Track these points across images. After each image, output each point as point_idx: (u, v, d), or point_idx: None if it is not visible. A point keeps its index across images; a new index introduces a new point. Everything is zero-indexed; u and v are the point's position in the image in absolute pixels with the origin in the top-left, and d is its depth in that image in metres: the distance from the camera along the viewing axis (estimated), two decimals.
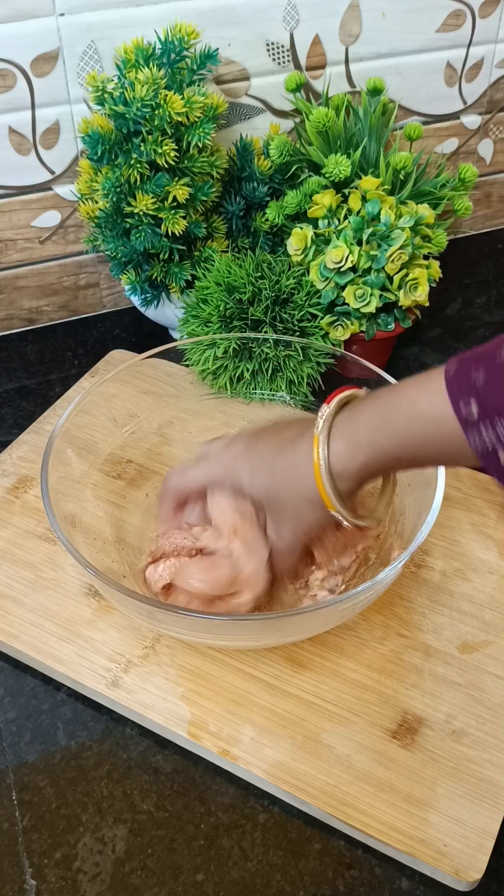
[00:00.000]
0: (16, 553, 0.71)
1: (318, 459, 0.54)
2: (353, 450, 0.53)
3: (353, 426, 0.53)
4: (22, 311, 0.97)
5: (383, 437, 0.52)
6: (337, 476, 0.54)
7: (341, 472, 0.54)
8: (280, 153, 0.86)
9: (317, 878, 0.54)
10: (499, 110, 1.05)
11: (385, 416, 0.52)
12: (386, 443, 0.52)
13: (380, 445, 0.52)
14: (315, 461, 0.54)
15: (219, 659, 0.64)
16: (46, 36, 0.81)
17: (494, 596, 0.68)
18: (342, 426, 0.54)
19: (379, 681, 0.62)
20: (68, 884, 0.54)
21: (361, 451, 0.53)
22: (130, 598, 0.55)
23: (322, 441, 0.54)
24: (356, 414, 0.54)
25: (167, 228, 0.79)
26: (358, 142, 0.86)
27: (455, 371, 0.48)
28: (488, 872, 0.53)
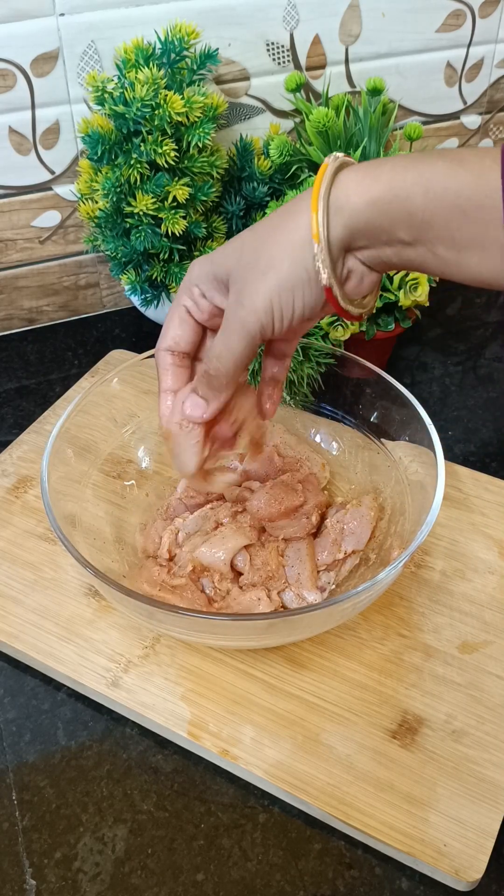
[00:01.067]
0: (16, 553, 0.71)
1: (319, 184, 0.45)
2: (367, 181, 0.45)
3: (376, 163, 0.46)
4: (22, 311, 0.97)
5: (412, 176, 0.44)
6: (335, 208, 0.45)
7: (343, 205, 0.45)
8: (280, 153, 0.86)
9: (317, 878, 0.54)
10: (499, 110, 1.05)
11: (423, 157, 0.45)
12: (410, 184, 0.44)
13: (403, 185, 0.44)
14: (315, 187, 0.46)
15: (219, 659, 0.64)
16: (46, 36, 0.81)
17: (494, 596, 0.68)
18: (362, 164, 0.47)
19: (379, 681, 0.62)
20: (68, 884, 0.54)
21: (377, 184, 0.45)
22: (130, 598, 0.55)
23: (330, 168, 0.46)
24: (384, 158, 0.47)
25: (167, 228, 0.79)
26: (358, 142, 0.86)
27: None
28: (488, 872, 0.53)
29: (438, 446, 0.63)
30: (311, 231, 0.46)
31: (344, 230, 0.46)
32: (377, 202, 0.45)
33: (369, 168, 0.46)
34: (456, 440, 0.84)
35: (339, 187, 0.46)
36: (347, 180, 0.46)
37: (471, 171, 0.44)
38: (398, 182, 0.45)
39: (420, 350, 0.95)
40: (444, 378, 0.91)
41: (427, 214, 0.45)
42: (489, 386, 0.91)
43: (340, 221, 0.46)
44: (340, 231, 0.46)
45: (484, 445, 0.84)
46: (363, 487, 0.72)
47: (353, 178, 0.46)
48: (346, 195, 0.46)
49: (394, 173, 0.45)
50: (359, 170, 0.46)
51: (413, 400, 0.67)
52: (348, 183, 0.46)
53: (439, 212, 0.44)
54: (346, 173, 0.46)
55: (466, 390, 0.90)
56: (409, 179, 0.45)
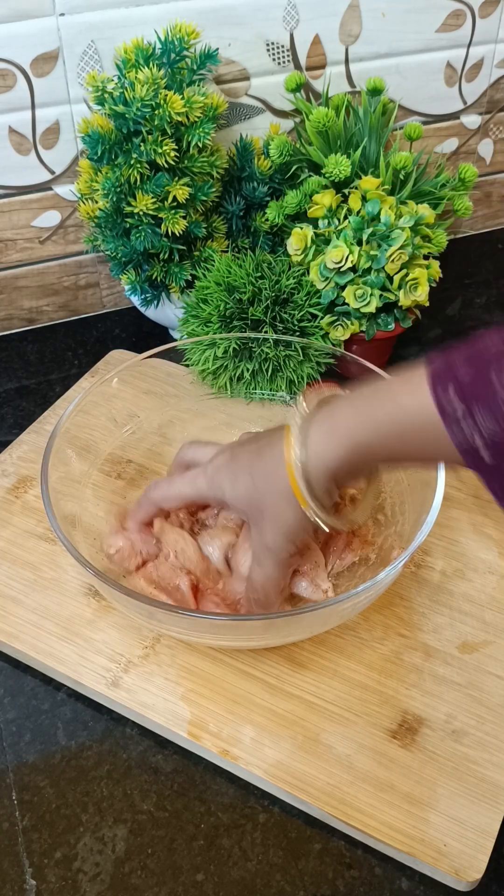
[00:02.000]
0: (16, 553, 0.71)
1: (291, 455, 0.53)
2: (329, 444, 0.52)
3: (331, 420, 0.52)
4: (22, 311, 0.97)
5: (362, 430, 0.50)
6: (311, 470, 0.52)
7: (316, 466, 0.52)
8: (280, 153, 0.86)
9: (317, 878, 0.54)
10: (499, 110, 1.05)
11: (365, 409, 0.51)
12: (364, 436, 0.50)
13: (358, 438, 0.51)
14: (287, 457, 0.53)
15: (219, 659, 0.64)
16: (46, 36, 0.81)
17: (494, 596, 0.68)
18: (320, 422, 0.53)
19: (379, 681, 0.62)
20: (68, 884, 0.54)
21: (339, 445, 0.51)
22: (130, 598, 0.55)
23: (296, 436, 0.53)
24: (336, 409, 0.53)
25: (167, 228, 0.79)
26: (358, 142, 0.86)
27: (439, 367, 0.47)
28: (488, 872, 0.53)
29: None
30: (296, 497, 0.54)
31: (326, 482, 0.53)
32: (343, 457, 0.52)
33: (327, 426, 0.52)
34: None
35: (310, 450, 0.52)
36: (316, 444, 0.52)
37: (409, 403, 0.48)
38: (356, 436, 0.51)
39: (420, 350, 0.95)
40: None
41: (388, 452, 0.51)
42: None
43: (320, 477, 0.53)
44: (324, 485, 0.53)
45: None
46: None
47: (318, 439, 0.52)
48: (318, 457, 0.52)
49: (347, 428, 0.51)
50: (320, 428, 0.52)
51: None
52: (317, 446, 0.52)
53: (397, 447, 0.50)
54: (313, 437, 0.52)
55: None
56: (362, 431, 0.51)
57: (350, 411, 0.52)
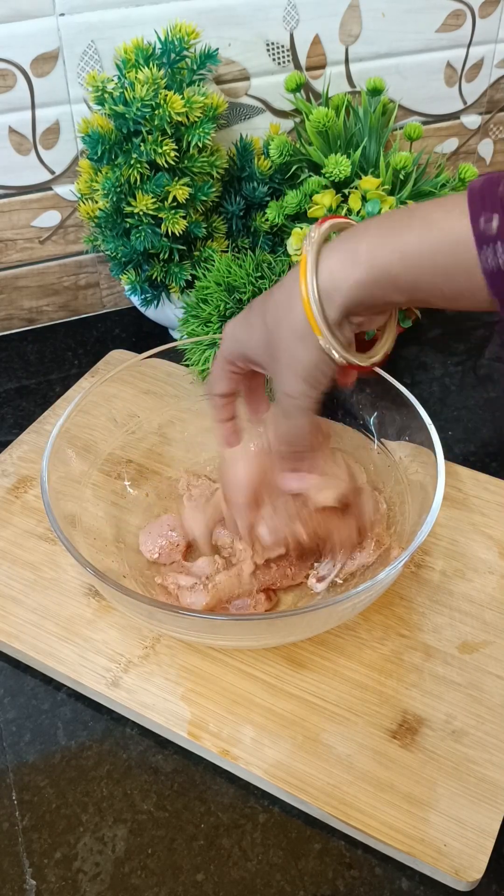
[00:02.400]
0: (16, 553, 0.71)
1: (303, 280, 0.48)
2: (349, 264, 0.47)
3: (354, 240, 0.48)
4: (22, 311, 0.97)
5: (388, 250, 0.46)
6: (326, 296, 0.48)
7: (331, 292, 0.48)
8: (280, 153, 0.86)
9: (317, 878, 0.54)
10: (499, 110, 1.05)
11: (394, 228, 0.47)
12: (389, 258, 0.46)
13: (382, 260, 0.46)
14: (300, 282, 0.49)
15: (219, 659, 0.64)
16: (46, 36, 0.81)
17: (494, 596, 0.68)
18: (340, 244, 0.49)
19: (379, 681, 0.62)
20: (68, 884, 0.54)
21: (359, 266, 0.47)
22: (130, 598, 0.55)
23: (310, 260, 0.48)
24: (359, 229, 0.49)
25: (167, 228, 0.79)
26: (358, 142, 0.86)
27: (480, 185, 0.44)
28: (488, 872, 0.53)
29: (438, 446, 0.63)
30: (311, 326, 0.50)
31: (339, 311, 0.49)
32: (363, 283, 0.48)
33: (347, 248, 0.48)
34: (456, 440, 0.84)
35: (323, 273, 0.48)
36: (331, 264, 0.48)
37: (441, 231, 0.45)
38: (377, 260, 0.47)
39: (420, 350, 0.95)
40: (444, 378, 0.91)
41: (411, 281, 0.47)
42: (489, 386, 0.91)
43: (333, 306, 0.49)
44: (336, 313, 0.49)
45: (484, 445, 0.84)
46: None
47: (336, 262, 0.48)
48: (333, 280, 0.48)
49: (370, 251, 0.47)
50: (339, 250, 0.48)
51: (413, 400, 0.67)
52: (332, 269, 0.48)
53: (421, 277, 0.47)
54: (327, 259, 0.48)
55: (466, 390, 0.90)
56: (386, 253, 0.47)
57: (375, 231, 0.47)
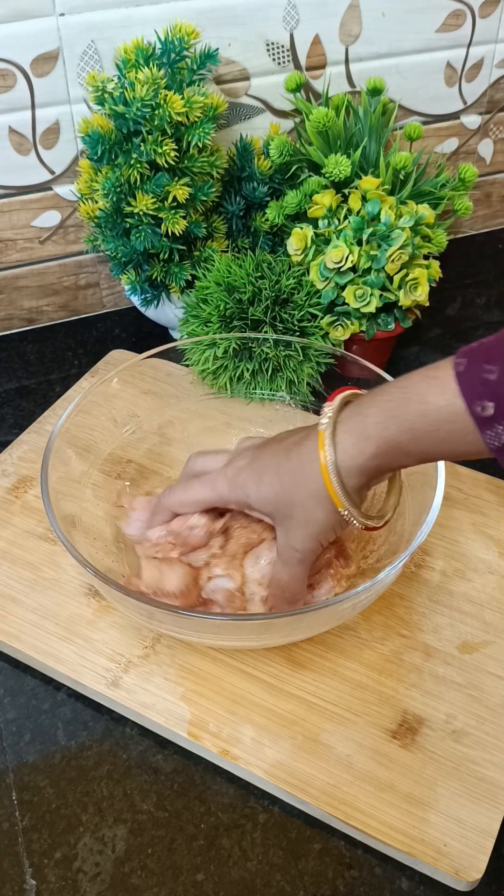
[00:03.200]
0: (16, 553, 0.71)
1: (324, 455, 0.53)
2: (361, 443, 0.52)
3: (361, 420, 0.52)
4: (22, 311, 0.97)
5: (394, 430, 0.51)
6: (345, 472, 0.53)
7: (350, 468, 0.53)
8: (280, 153, 0.86)
9: (317, 878, 0.54)
10: (499, 110, 1.05)
11: (395, 409, 0.51)
12: (396, 436, 0.51)
13: (390, 438, 0.51)
14: (321, 457, 0.53)
15: (219, 659, 0.64)
16: (46, 36, 0.81)
17: (494, 596, 0.68)
18: (349, 421, 0.53)
19: (379, 681, 0.62)
20: (68, 884, 0.54)
21: (370, 445, 0.52)
22: (130, 598, 0.55)
23: (328, 436, 0.53)
24: (364, 408, 0.53)
25: (167, 228, 0.79)
26: (358, 142, 0.86)
27: (466, 368, 0.47)
28: (488, 872, 0.53)
29: None
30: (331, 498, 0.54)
31: (357, 480, 0.54)
32: (377, 456, 0.52)
33: (357, 427, 0.52)
34: None
35: (340, 451, 0.53)
36: (346, 444, 0.53)
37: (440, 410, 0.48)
38: (387, 438, 0.51)
39: (420, 350, 0.95)
40: None
41: (421, 451, 0.51)
42: None
43: (352, 476, 0.53)
44: (354, 482, 0.54)
45: None
46: None
47: (349, 441, 0.52)
48: (350, 457, 0.53)
49: (379, 430, 0.51)
50: (351, 431, 0.53)
51: None
52: (347, 447, 0.53)
53: (430, 447, 0.50)
54: (342, 437, 0.53)
55: None
56: (393, 433, 0.51)
57: (378, 410, 0.52)
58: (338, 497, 0.53)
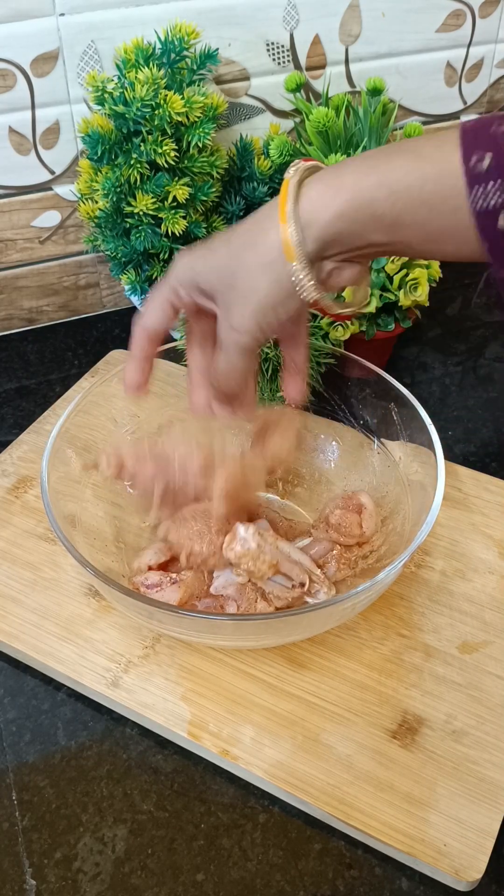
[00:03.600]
0: (16, 553, 0.71)
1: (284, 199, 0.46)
2: (331, 193, 0.45)
3: (338, 171, 0.46)
4: (22, 311, 0.97)
5: (373, 181, 0.44)
6: (305, 225, 0.46)
7: (311, 221, 0.46)
8: (280, 153, 0.86)
9: (317, 878, 0.54)
10: (499, 110, 1.05)
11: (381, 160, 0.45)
12: (374, 189, 0.44)
13: (365, 191, 0.45)
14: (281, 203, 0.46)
15: (219, 659, 0.64)
16: (46, 36, 0.81)
17: (494, 596, 0.68)
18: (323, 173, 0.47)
19: (379, 681, 0.62)
20: (68, 884, 0.54)
21: (341, 194, 0.45)
22: (130, 598, 0.55)
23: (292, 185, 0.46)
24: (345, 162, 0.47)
25: (167, 228, 0.79)
26: (358, 142, 0.86)
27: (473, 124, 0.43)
28: (488, 872, 0.53)
29: (438, 446, 0.63)
30: (283, 249, 0.47)
31: (315, 243, 0.47)
32: (344, 213, 0.45)
33: (332, 177, 0.46)
34: (456, 440, 0.84)
35: (304, 201, 0.46)
36: (311, 193, 0.46)
37: (431, 163, 0.44)
38: (362, 189, 0.45)
39: (420, 350, 0.95)
40: (444, 378, 0.91)
41: (395, 216, 0.45)
42: (489, 386, 0.91)
43: (311, 236, 0.46)
44: (312, 245, 0.47)
45: (484, 445, 0.84)
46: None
47: (317, 191, 0.46)
48: (313, 209, 0.46)
49: (355, 179, 0.45)
50: (322, 180, 0.46)
51: (413, 400, 0.67)
52: (312, 196, 0.46)
53: (406, 211, 0.45)
54: (309, 186, 0.46)
55: (466, 390, 0.90)
56: (371, 184, 0.45)
57: (360, 162, 0.46)
58: (292, 247, 0.46)
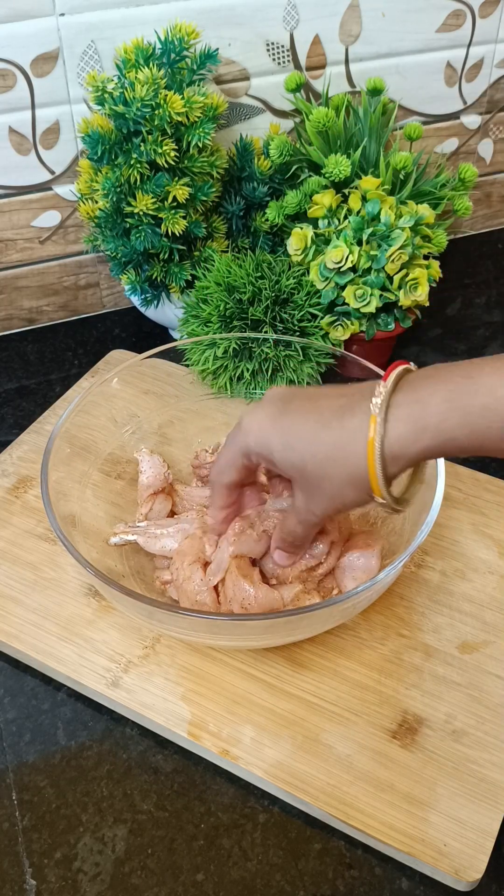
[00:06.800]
0: (16, 553, 0.71)
1: (374, 441, 0.49)
2: (415, 434, 0.49)
3: (420, 408, 0.49)
4: (22, 311, 0.97)
5: (454, 422, 0.47)
6: (390, 460, 0.50)
7: (397, 456, 0.50)
8: (280, 153, 0.86)
9: (317, 878, 0.54)
10: (499, 110, 1.05)
11: (459, 401, 0.48)
12: (455, 429, 0.48)
13: (447, 431, 0.48)
14: (370, 443, 0.50)
15: (219, 659, 0.64)
16: (46, 36, 0.81)
17: (494, 596, 0.68)
18: (405, 407, 0.49)
19: (379, 681, 0.62)
20: (68, 884, 0.54)
21: (425, 437, 0.49)
22: (130, 598, 0.55)
23: (380, 422, 0.49)
24: (423, 394, 0.49)
25: (167, 228, 0.79)
26: (358, 142, 0.86)
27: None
28: (488, 872, 0.53)
29: None
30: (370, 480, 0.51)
31: (400, 469, 0.51)
32: (429, 449, 0.49)
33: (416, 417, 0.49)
34: None
35: (391, 438, 0.49)
36: (399, 432, 0.49)
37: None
38: (445, 428, 0.48)
39: (420, 350, 0.95)
40: None
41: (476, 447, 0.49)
42: None
43: (396, 465, 0.50)
44: (396, 471, 0.51)
45: None
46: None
47: (403, 430, 0.49)
48: (400, 447, 0.49)
49: (438, 421, 0.48)
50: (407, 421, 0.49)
51: None
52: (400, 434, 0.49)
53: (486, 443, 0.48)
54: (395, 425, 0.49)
55: None
56: (453, 426, 0.48)
57: (441, 399, 0.48)
58: (378, 486, 0.51)
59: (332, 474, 0.52)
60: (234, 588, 0.60)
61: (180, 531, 0.66)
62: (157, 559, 0.68)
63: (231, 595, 0.61)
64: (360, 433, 0.50)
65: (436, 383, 0.49)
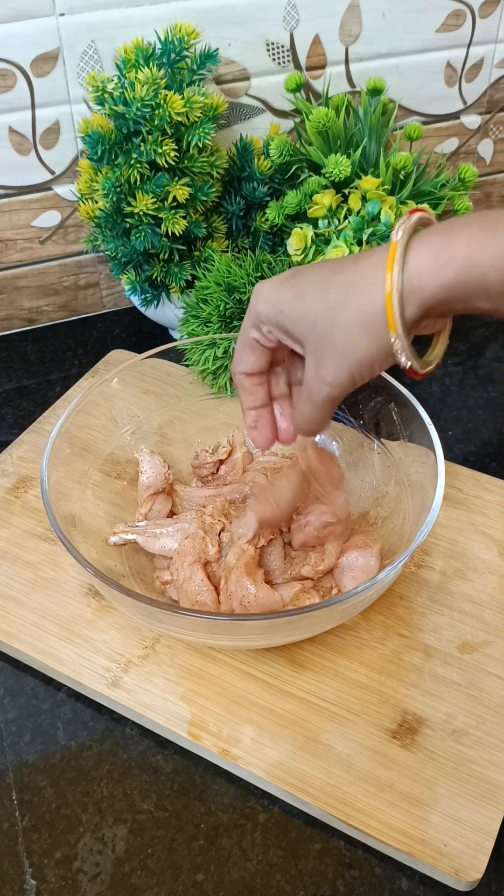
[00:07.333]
0: (16, 553, 0.71)
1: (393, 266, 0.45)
2: (441, 264, 0.44)
3: (449, 237, 0.45)
4: (22, 311, 0.97)
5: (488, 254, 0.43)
6: (409, 293, 0.45)
7: (416, 289, 0.45)
8: (280, 153, 0.86)
9: (317, 878, 0.54)
10: (499, 110, 1.05)
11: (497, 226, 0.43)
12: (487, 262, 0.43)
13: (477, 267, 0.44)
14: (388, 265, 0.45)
15: (219, 659, 0.64)
16: (46, 36, 0.81)
17: (494, 596, 0.68)
18: (432, 236, 0.45)
19: (379, 681, 0.62)
20: (68, 884, 0.54)
21: (451, 267, 0.44)
22: (130, 598, 0.55)
23: (400, 248, 0.45)
24: (456, 225, 0.45)
25: (167, 228, 0.79)
26: (358, 142, 0.86)
27: None
28: (488, 872, 0.53)
29: (438, 446, 0.63)
30: (386, 316, 0.46)
31: (418, 309, 0.46)
32: (452, 285, 0.45)
33: (444, 243, 0.45)
34: (456, 440, 0.84)
35: (411, 267, 0.45)
36: (420, 261, 0.45)
37: None
38: (473, 262, 0.44)
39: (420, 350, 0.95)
40: (444, 378, 0.91)
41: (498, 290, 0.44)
42: (489, 386, 0.91)
43: (414, 303, 0.46)
44: (414, 311, 0.46)
45: (484, 445, 0.84)
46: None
47: (426, 259, 0.45)
48: (420, 276, 0.45)
49: (469, 251, 0.44)
50: (432, 246, 0.45)
51: (413, 400, 0.67)
52: (420, 264, 0.45)
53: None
54: (417, 250, 0.45)
55: (466, 390, 0.90)
56: (485, 257, 0.44)
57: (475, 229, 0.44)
58: (394, 320, 0.45)
59: (343, 319, 0.48)
60: (237, 585, 0.60)
61: (180, 531, 0.66)
62: (157, 559, 0.68)
63: (232, 590, 0.61)
64: (377, 269, 0.46)
65: (469, 217, 0.45)
